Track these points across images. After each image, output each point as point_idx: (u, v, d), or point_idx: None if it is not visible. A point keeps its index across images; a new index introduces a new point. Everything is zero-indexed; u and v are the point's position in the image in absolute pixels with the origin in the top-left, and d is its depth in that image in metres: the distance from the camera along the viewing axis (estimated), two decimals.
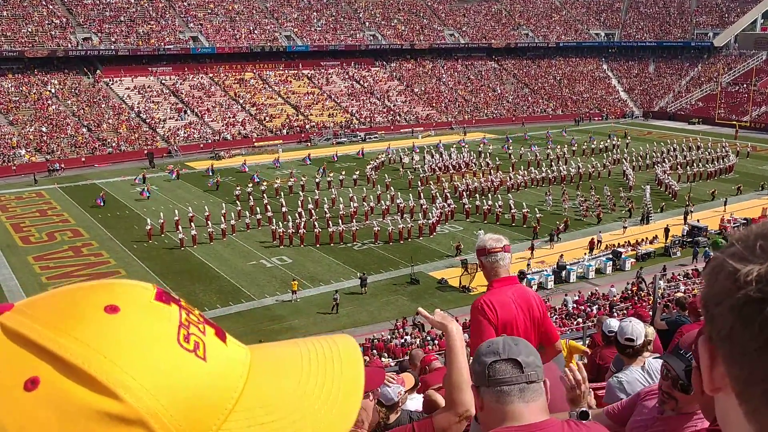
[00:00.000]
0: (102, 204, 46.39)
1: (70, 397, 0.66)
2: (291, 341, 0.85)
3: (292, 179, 50.62)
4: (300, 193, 47.17)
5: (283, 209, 42.38)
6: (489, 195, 47.05)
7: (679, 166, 55.04)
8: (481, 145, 61.72)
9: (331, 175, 51.56)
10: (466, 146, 61.80)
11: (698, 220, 42.16)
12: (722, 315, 0.74)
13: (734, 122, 76.51)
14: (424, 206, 43.43)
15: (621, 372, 4.81)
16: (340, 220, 40.98)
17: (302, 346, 0.84)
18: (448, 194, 46.60)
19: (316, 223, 40.56)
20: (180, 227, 39.63)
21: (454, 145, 61.85)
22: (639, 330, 4.81)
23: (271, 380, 0.78)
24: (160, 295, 0.76)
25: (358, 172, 52.31)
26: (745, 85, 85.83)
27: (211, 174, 52.60)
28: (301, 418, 0.76)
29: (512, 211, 43.01)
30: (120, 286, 0.75)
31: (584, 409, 3.28)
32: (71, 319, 0.70)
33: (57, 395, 0.66)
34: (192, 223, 40.45)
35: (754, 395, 0.73)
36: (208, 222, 40.69)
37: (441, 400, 4.72)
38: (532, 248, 38.15)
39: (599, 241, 39.12)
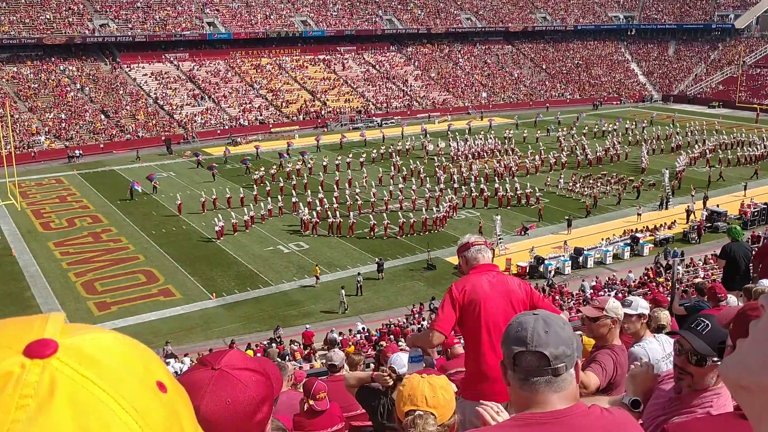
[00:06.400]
0: (140, 190, 45.59)
1: None
2: None
3: (299, 164, 50.60)
4: (321, 174, 47.27)
5: (294, 199, 42.26)
6: (496, 179, 47.01)
7: (708, 152, 54.32)
8: (506, 131, 60.94)
9: (339, 158, 51.23)
10: (492, 132, 61.50)
11: (717, 205, 41.77)
12: None
13: (755, 106, 75.42)
14: (450, 194, 43.40)
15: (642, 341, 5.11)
16: (371, 210, 41.00)
17: None
18: (457, 180, 46.68)
19: (329, 211, 40.25)
20: (215, 219, 38.99)
21: (483, 131, 61.34)
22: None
23: None
24: None
25: (364, 156, 52.35)
26: (766, 68, 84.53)
27: (251, 159, 52.66)
28: None
29: (518, 192, 43.55)
30: None
31: (637, 398, 3.32)
32: None
33: None
34: (220, 216, 40.05)
35: None
36: (232, 212, 40.61)
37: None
38: (569, 224, 39.06)
39: (691, 211, 40.11)
